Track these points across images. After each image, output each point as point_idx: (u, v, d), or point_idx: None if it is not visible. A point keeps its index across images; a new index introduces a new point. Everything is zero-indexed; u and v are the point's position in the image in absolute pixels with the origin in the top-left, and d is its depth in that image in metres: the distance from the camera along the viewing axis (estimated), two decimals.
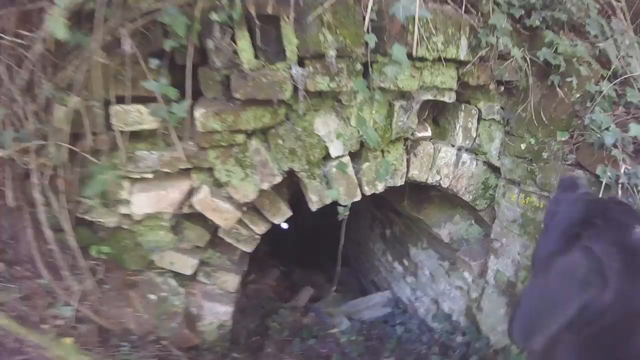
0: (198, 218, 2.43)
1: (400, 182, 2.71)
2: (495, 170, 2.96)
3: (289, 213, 2.65)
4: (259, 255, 6.82)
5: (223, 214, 2.41)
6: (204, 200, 2.35)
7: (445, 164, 2.81)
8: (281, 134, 2.27)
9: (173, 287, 2.67)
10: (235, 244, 2.70)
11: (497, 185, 2.98)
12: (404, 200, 3.42)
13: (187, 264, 2.58)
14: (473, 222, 3.33)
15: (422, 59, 2.26)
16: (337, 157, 2.45)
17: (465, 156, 2.83)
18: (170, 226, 2.45)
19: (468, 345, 3.24)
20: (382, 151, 2.58)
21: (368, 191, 2.61)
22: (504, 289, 2.92)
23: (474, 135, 2.80)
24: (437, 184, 2.85)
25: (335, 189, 2.49)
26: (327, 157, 2.43)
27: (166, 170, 2.22)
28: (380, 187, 2.63)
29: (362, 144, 2.46)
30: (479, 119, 2.78)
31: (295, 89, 2.08)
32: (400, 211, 3.99)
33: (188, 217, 2.47)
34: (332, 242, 7.46)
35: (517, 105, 2.73)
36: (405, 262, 4.40)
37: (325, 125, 2.31)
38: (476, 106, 2.74)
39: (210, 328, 2.90)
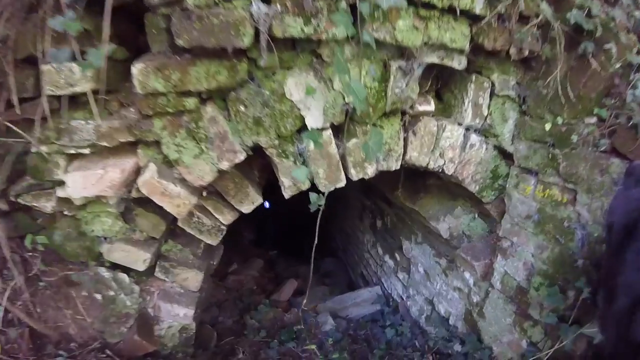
0: (152, 204, 2.11)
1: (395, 165, 2.25)
2: (507, 156, 2.51)
3: (259, 200, 2.24)
4: (244, 243, 6.47)
5: (174, 200, 2.03)
6: (150, 181, 1.97)
7: (451, 145, 2.33)
8: (243, 98, 1.81)
9: (125, 284, 2.35)
10: (197, 235, 2.35)
11: (508, 174, 2.53)
12: (397, 189, 2.95)
13: (138, 258, 2.24)
14: (476, 216, 2.90)
15: (429, 5, 1.80)
16: (316, 130, 1.97)
17: (474, 137, 2.37)
18: (119, 213, 2.15)
19: (466, 355, 2.83)
20: (375, 126, 2.11)
21: (355, 175, 2.15)
22: (512, 295, 2.51)
23: (485, 113, 2.33)
24: (440, 170, 2.39)
25: (308, 170, 2.01)
26: (303, 129, 1.97)
27: (104, 143, 1.89)
28: (370, 171, 2.17)
29: (348, 115, 1.98)
30: (492, 95, 2.32)
31: (258, 33, 1.61)
32: (393, 201, 3.55)
33: (140, 202, 2.14)
34: (322, 230, 7.16)
35: (536, 80, 2.33)
36: (397, 257, 3.98)
37: (300, 87, 1.84)
38: (489, 78, 2.27)
39: (170, 332, 2.58)
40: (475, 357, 2.76)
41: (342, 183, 2.14)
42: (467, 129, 2.31)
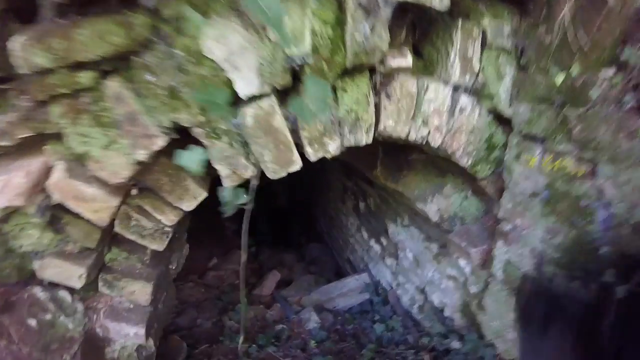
0: None
1: (365, 138, 1.79)
2: (504, 122, 2.08)
3: (202, 193, 1.83)
4: (227, 234, 6.07)
5: (90, 203, 1.65)
6: (59, 184, 1.60)
7: (436, 110, 1.87)
8: (151, 64, 1.36)
9: (66, 304, 1.99)
10: (139, 240, 1.98)
11: (506, 143, 2.10)
12: (376, 167, 2.49)
13: (72, 274, 1.89)
14: (469, 194, 2.47)
15: None
16: (252, 99, 1.51)
17: (464, 100, 1.90)
18: (46, 223, 1.79)
19: (466, 354, 2.46)
20: (334, 89, 1.66)
21: (313, 154, 1.72)
22: (517, 286, 2.11)
23: (477, 68, 1.87)
24: (424, 142, 1.93)
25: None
26: (234, 98, 1.52)
27: (4, 143, 1.57)
28: (332, 148, 1.73)
29: (296, 75, 1.52)
30: (483, 47, 1.86)
31: None
32: (374, 181, 3.12)
33: (67, 209, 1.76)
34: (305, 215, 6.77)
35: (535, 27, 1.88)
36: (383, 241, 3.58)
37: (222, 41, 1.37)
38: (479, 24, 1.81)
39: (125, 353, 2.19)
40: (476, 354, 2.40)
41: (296, 166, 1.69)
42: (455, 88, 1.85)
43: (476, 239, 2.32)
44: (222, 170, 1.59)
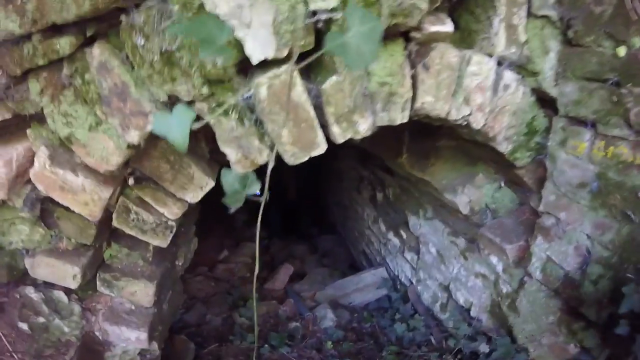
0: None
1: (401, 117, 1.52)
2: (546, 104, 1.84)
3: (209, 182, 1.65)
4: (237, 226, 5.91)
5: (78, 195, 1.47)
6: (43, 172, 1.42)
7: (479, 86, 1.61)
8: (139, 22, 1.15)
9: (62, 305, 1.87)
10: (140, 236, 1.80)
11: (547, 128, 1.87)
12: (401, 155, 2.25)
13: (66, 274, 1.73)
14: (502, 184, 2.25)
15: None
16: (267, 65, 1.26)
17: (508, 75, 1.66)
18: (36, 217, 1.66)
19: (492, 355, 2.26)
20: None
21: (340, 134, 1.46)
22: (557, 287, 1.90)
23: (523, 38, 1.62)
24: (464, 123, 1.68)
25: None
26: (246, 66, 1.27)
27: None
28: (363, 127, 1.47)
29: (319, 36, 1.26)
30: (528, 14, 1.62)
31: None
32: (395, 170, 2.90)
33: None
34: (316, 206, 6.58)
35: None
36: (403, 234, 3.36)
37: None
38: None
39: (127, 358, 2.03)
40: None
41: (319, 149, 1.44)
42: (500, 62, 1.60)
43: (511, 234, 2.10)
44: (231, 153, 1.37)
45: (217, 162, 1.71)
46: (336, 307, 3.58)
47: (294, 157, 1.41)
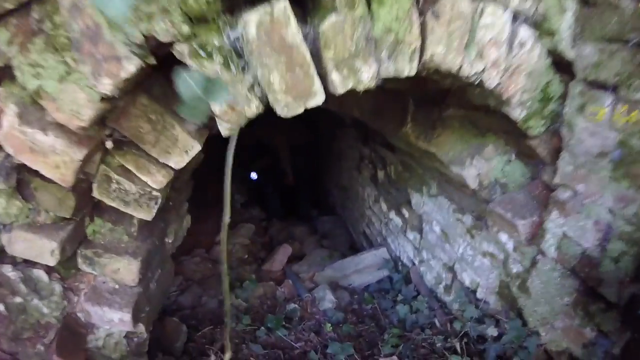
0: None
1: (408, 68, 1.36)
2: (562, 69, 1.68)
3: (196, 146, 1.50)
4: (236, 207, 5.79)
5: (48, 157, 1.32)
6: (11, 132, 1.28)
7: (493, 40, 1.44)
8: None
9: (42, 285, 1.74)
10: (122, 208, 1.67)
11: (563, 95, 1.71)
12: (405, 124, 2.08)
13: (43, 250, 1.60)
14: (513, 157, 2.10)
15: None
16: (256, 2, 1.11)
17: (524, 32, 1.49)
18: (12, 188, 1.52)
19: (505, 344, 2.14)
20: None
21: (340, 83, 1.30)
22: (574, 266, 1.77)
23: None
24: (476, 80, 1.51)
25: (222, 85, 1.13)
26: (233, 3, 1.13)
27: None
28: (366, 75, 1.30)
29: None
30: None
31: None
32: (397, 145, 2.74)
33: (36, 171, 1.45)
34: (316, 184, 6.45)
35: None
36: (405, 213, 3.23)
37: None
38: None
39: (111, 341, 1.92)
40: (515, 343, 2.07)
41: (317, 98, 1.28)
42: (515, 16, 1.44)
43: (523, 209, 1.95)
44: (215, 105, 1.22)
45: (207, 127, 1.56)
46: (336, 288, 3.46)
47: (287, 107, 1.24)
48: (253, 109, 1.24)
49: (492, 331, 2.21)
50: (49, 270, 1.75)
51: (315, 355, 2.45)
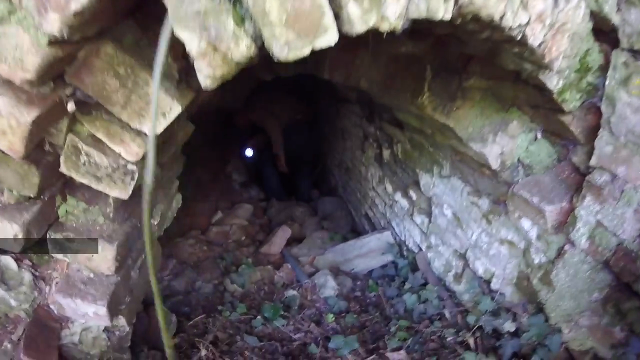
0: None
1: (444, 8, 1.06)
2: (602, 37, 1.44)
3: (175, 108, 1.29)
4: (234, 187, 5.58)
5: None
6: None
7: None
8: None
9: (10, 274, 1.56)
10: (94, 185, 1.46)
11: (603, 66, 1.48)
12: (422, 94, 1.83)
13: (5, 233, 1.40)
14: (539, 135, 1.87)
15: None
16: None
17: None
18: None
19: (522, 335, 1.96)
20: None
21: (360, 19, 0.97)
22: (607, 259, 1.57)
23: None
24: (519, 35, 1.24)
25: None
26: None
27: None
28: (392, 10, 0.98)
29: None
30: None
31: None
32: (406, 121, 2.50)
33: None
34: (317, 164, 6.22)
35: None
36: (412, 195, 3.02)
37: None
38: None
39: (89, 336, 1.74)
40: (535, 340, 1.88)
41: (327, 36, 0.95)
42: None
43: (551, 194, 1.74)
44: (191, 41, 0.93)
45: (191, 87, 1.32)
46: (337, 273, 3.28)
47: (288, 46, 0.94)
48: (243, 49, 0.95)
49: (509, 326, 2.02)
50: (19, 258, 1.55)
51: (316, 349, 2.28)
